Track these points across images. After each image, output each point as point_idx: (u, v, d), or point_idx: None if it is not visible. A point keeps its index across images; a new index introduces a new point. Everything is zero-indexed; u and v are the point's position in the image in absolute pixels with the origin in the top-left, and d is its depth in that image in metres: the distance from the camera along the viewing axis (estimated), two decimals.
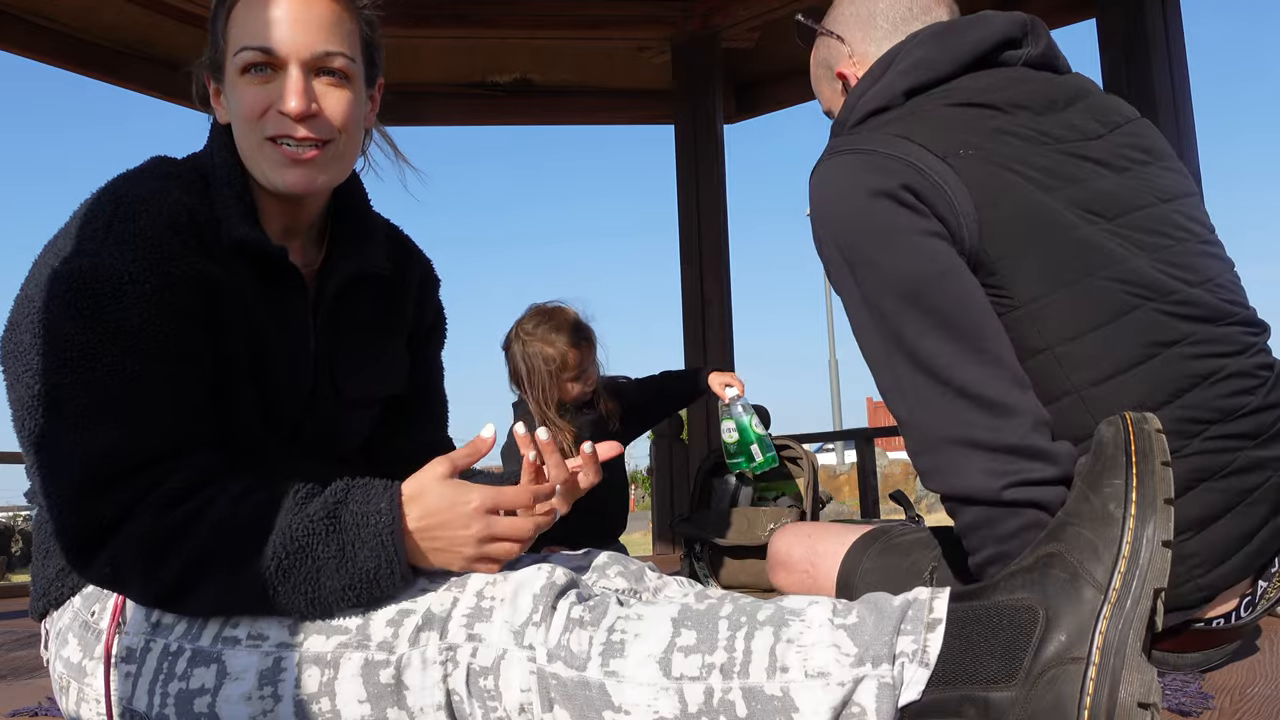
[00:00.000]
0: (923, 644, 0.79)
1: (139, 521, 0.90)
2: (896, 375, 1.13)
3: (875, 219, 1.12)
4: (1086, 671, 0.75)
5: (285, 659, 0.89)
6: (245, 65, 1.03)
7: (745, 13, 4.12)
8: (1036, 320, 1.10)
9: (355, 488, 0.93)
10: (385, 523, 0.90)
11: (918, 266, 1.10)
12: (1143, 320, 1.10)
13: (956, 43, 1.25)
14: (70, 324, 0.91)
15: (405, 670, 0.87)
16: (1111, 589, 0.77)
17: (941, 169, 1.12)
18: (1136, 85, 3.42)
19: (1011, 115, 1.19)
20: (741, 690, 0.80)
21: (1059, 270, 1.10)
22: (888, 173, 1.13)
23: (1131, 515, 0.79)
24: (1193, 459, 1.08)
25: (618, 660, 0.82)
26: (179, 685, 0.91)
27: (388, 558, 0.89)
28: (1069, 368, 1.10)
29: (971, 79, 1.24)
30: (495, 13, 4.07)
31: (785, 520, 2.36)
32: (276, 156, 1.04)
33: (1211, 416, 1.09)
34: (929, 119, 1.19)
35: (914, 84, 1.24)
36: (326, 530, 0.90)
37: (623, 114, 4.81)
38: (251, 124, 1.04)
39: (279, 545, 0.89)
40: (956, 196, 1.11)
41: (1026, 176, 1.13)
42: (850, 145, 1.19)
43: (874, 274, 1.12)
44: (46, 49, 3.76)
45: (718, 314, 4.17)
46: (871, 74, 1.29)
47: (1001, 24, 1.27)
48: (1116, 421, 0.85)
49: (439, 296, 1.36)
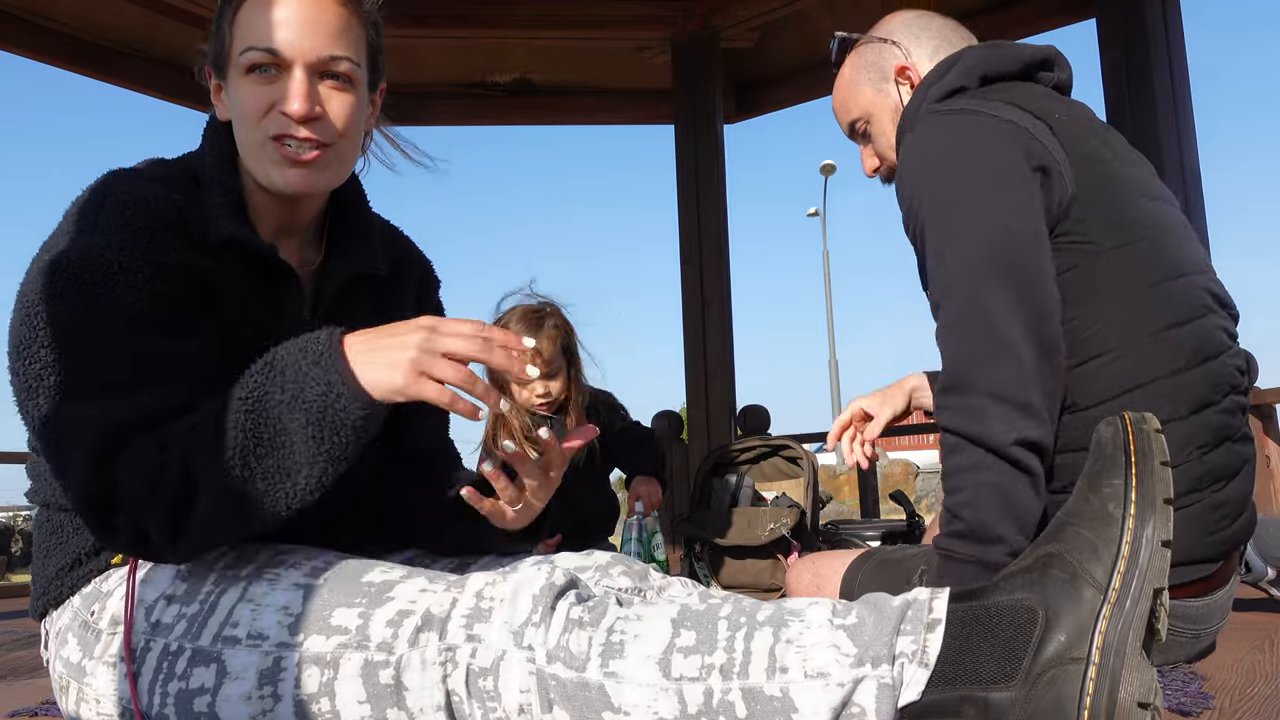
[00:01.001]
0: (922, 644, 0.79)
1: (131, 464, 0.90)
2: (960, 312, 1.20)
3: (983, 171, 1.23)
4: (1086, 672, 0.75)
5: (285, 659, 0.89)
6: (251, 65, 1.03)
7: (745, 13, 4.12)
8: (1114, 265, 1.22)
9: (292, 340, 0.92)
10: (323, 347, 0.89)
11: (1014, 222, 1.20)
12: (1192, 286, 1.25)
13: (1012, 52, 1.39)
14: (63, 309, 0.92)
15: (405, 671, 0.87)
16: (1111, 589, 0.77)
17: (1040, 127, 1.25)
18: (1136, 85, 3.42)
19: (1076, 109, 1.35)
20: (741, 691, 0.79)
21: (1132, 226, 1.24)
22: (994, 131, 1.24)
23: (1131, 515, 0.79)
24: (1222, 416, 1.21)
25: (617, 661, 0.82)
26: (179, 685, 0.91)
27: (331, 377, 0.87)
28: (1139, 312, 1.21)
29: (1028, 86, 1.37)
30: (495, 13, 4.07)
31: (785, 520, 2.36)
32: (277, 156, 1.04)
33: (1230, 382, 1.23)
34: (1016, 92, 1.32)
35: (987, 72, 1.36)
36: (269, 376, 0.89)
37: (623, 114, 4.81)
38: (254, 123, 1.04)
39: (240, 416, 0.88)
40: (1052, 148, 1.23)
41: (1105, 149, 1.29)
42: (948, 108, 1.30)
43: (971, 221, 1.21)
44: (46, 49, 3.76)
45: (717, 314, 4.18)
46: (937, 70, 1.39)
47: (1041, 48, 1.43)
48: (1115, 422, 0.85)
49: (439, 297, 1.36)
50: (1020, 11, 3.93)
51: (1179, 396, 1.19)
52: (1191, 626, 1.23)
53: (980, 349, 1.17)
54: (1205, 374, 1.21)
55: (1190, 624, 1.23)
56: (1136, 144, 1.41)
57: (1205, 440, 1.20)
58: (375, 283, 1.20)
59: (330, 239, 1.18)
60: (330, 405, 0.88)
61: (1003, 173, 1.21)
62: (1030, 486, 1.17)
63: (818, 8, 4.08)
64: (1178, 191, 3.37)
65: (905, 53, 1.48)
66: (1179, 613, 1.22)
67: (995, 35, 4.30)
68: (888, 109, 1.49)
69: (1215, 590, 1.23)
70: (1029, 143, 1.23)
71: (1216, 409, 1.20)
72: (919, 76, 1.45)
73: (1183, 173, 3.38)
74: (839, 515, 11.91)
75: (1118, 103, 3.47)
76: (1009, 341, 1.15)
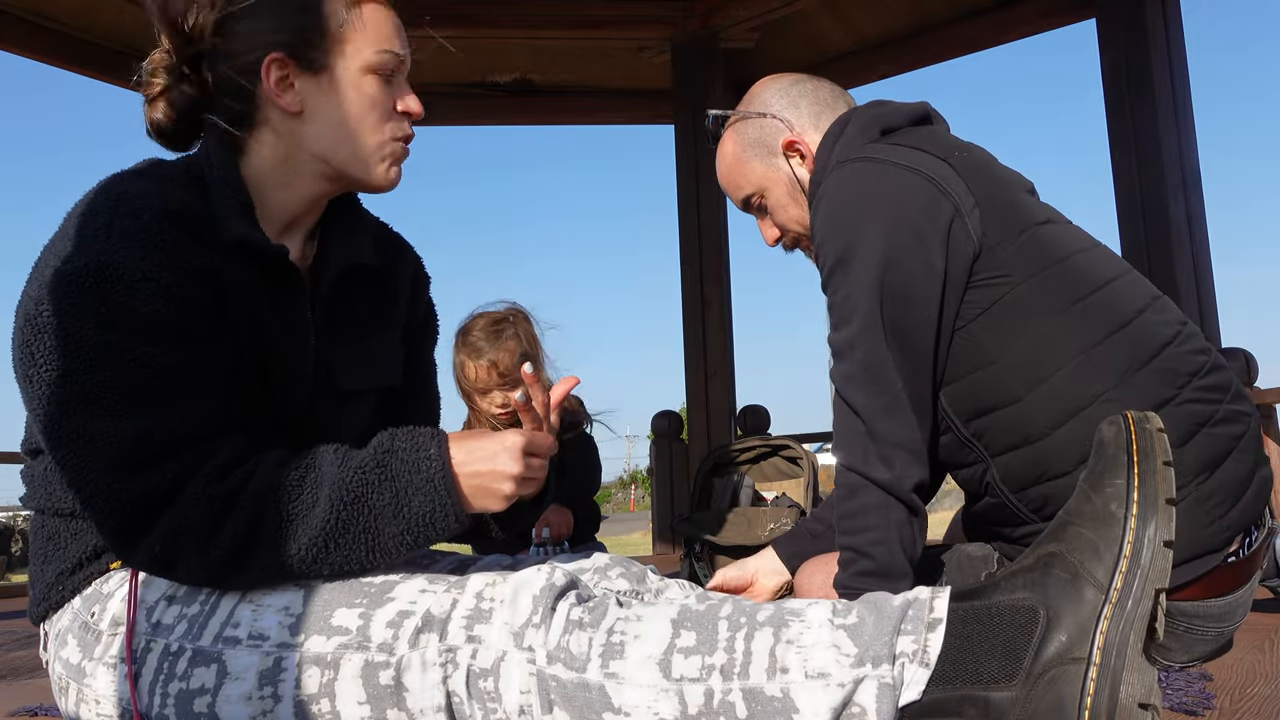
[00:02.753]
0: (923, 644, 0.79)
1: (191, 497, 0.91)
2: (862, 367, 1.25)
3: (885, 224, 1.24)
4: (1087, 672, 0.75)
5: (285, 659, 0.89)
6: (380, 66, 1.07)
7: (745, 13, 4.13)
8: (1036, 293, 1.23)
9: (400, 436, 0.96)
10: (436, 468, 0.93)
11: (911, 279, 1.23)
12: (1116, 292, 1.25)
13: (899, 108, 1.42)
14: (89, 325, 0.91)
15: (405, 672, 0.87)
16: (1113, 589, 0.77)
17: (944, 168, 1.26)
18: (1136, 85, 3.42)
19: (970, 148, 1.37)
20: (742, 691, 0.79)
21: (1045, 252, 1.25)
22: (899, 180, 1.26)
23: (1133, 515, 0.79)
24: (1187, 406, 1.19)
25: (617, 662, 0.82)
26: (179, 685, 0.91)
27: (441, 501, 0.92)
28: (1069, 332, 1.21)
29: (924, 129, 1.40)
30: (495, 13, 4.07)
31: (785, 520, 2.36)
32: (399, 154, 1.11)
33: (1189, 368, 1.21)
34: (914, 136, 1.34)
35: (885, 126, 1.38)
36: (379, 479, 0.92)
37: (623, 114, 4.82)
38: (378, 122, 1.08)
39: (335, 498, 0.91)
40: (958, 191, 1.25)
41: (1006, 179, 1.32)
42: (854, 155, 1.31)
43: (870, 277, 1.24)
44: (46, 49, 3.76)
45: (717, 314, 4.18)
46: (832, 133, 1.41)
47: (919, 105, 1.46)
48: (1118, 421, 0.85)
49: (430, 295, 1.36)
50: (1020, 11, 3.93)
51: (1127, 403, 1.17)
52: (1215, 625, 1.22)
53: (883, 403, 1.23)
54: (1152, 373, 1.19)
55: (1214, 622, 1.22)
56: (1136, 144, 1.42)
57: (1171, 438, 1.18)
58: (369, 274, 1.20)
59: (323, 232, 1.18)
60: (432, 524, 0.93)
61: (905, 226, 1.23)
62: (920, 527, 1.25)
63: (818, 8, 4.08)
64: (1177, 191, 3.38)
65: (788, 125, 1.47)
66: (1201, 613, 1.21)
67: (997, 35, 4.30)
68: (781, 183, 1.48)
69: (1239, 587, 1.21)
70: (934, 192, 1.24)
71: (1176, 402, 1.19)
72: (809, 148, 1.44)
73: (1183, 173, 3.38)
74: None
75: (1118, 103, 3.47)
76: (901, 396, 1.23)
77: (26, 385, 0.95)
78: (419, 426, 0.98)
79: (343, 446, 0.96)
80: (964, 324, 1.24)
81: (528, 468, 0.96)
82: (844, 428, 1.27)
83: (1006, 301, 1.22)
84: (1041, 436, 1.20)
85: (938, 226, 1.22)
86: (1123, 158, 3.43)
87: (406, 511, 0.92)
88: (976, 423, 1.26)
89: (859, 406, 1.24)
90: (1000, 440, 1.24)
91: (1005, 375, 1.22)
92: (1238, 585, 1.22)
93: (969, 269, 1.23)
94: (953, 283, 1.23)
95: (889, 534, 1.22)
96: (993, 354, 1.23)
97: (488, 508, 0.96)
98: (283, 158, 1.08)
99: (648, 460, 4.90)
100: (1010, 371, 1.22)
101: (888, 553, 1.21)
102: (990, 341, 1.23)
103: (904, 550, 1.22)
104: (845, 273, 1.25)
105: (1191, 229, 3.39)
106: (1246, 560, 1.22)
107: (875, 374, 1.23)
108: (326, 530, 0.91)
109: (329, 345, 1.14)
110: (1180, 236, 3.33)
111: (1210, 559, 1.18)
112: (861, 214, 1.25)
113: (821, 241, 1.29)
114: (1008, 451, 1.24)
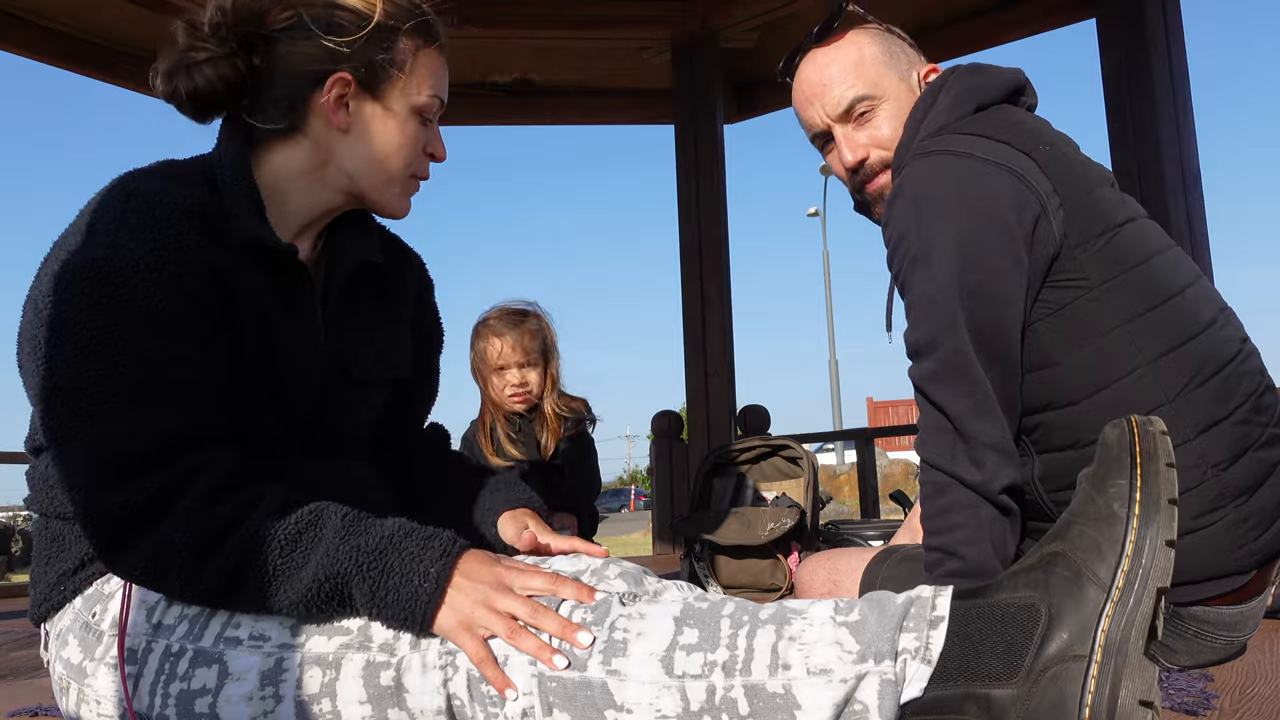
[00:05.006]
0: (925, 641, 0.79)
1: (178, 522, 0.90)
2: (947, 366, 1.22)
3: (970, 221, 1.21)
4: (1088, 670, 0.75)
5: (287, 659, 0.89)
6: (427, 109, 1.12)
7: (745, 13, 4.12)
8: (1108, 300, 1.21)
9: (414, 538, 0.90)
10: (424, 595, 0.87)
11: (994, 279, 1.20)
12: (1188, 301, 1.23)
13: (996, 76, 1.38)
14: (84, 312, 0.91)
15: (406, 673, 0.87)
16: (1115, 588, 0.77)
17: (1029, 164, 1.23)
18: (1136, 85, 3.42)
19: (1052, 133, 1.33)
20: (744, 688, 0.79)
21: (1124, 255, 1.23)
22: (984, 176, 1.22)
23: (1135, 515, 0.79)
24: (1239, 427, 1.18)
25: (619, 659, 0.82)
26: (180, 686, 0.91)
27: (413, 621, 0.87)
28: (1137, 341, 1.20)
29: (1014, 113, 1.35)
30: (495, 13, 4.06)
31: (785, 520, 2.36)
32: (411, 189, 1.16)
33: (1247, 389, 1.21)
34: (1003, 121, 1.30)
35: (979, 101, 1.34)
36: (367, 568, 0.88)
37: (623, 114, 4.82)
38: (405, 158, 1.12)
39: (320, 572, 0.89)
40: (1042, 189, 1.22)
41: (1088, 175, 1.28)
42: (942, 148, 1.27)
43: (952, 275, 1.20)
44: (46, 49, 3.76)
45: (717, 314, 4.17)
46: (925, 98, 1.38)
47: (1017, 72, 1.41)
48: (1121, 424, 0.85)
49: (434, 299, 1.37)
50: (1021, 11, 3.94)
51: (1181, 421, 1.17)
52: (1226, 633, 1.22)
53: (973, 402, 1.19)
54: (1211, 390, 1.18)
55: (1225, 630, 1.21)
56: (1137, 144, 1.42)
57: (1220, 457, 1.17)
58: (375, 272, 1.22)
59: (332, 232, 1.19)
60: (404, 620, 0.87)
61: (990, 226, 1.20)
62: (1012, 527, 1.21)
63: (818, 8, 4.07)
64: (1177, 192, 3.38)
65: (923, 61, 1.46)
66: (1212, 619, 1.20)
67: (997, 35, 4.29)
68: (902, 99, 1.42)
69: (1250, 599, 1.21)
70: (1019, 190, 1.21)
71: (1231, 421, 1.17)
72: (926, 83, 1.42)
73: (1183, 173, 3.38)
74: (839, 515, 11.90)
75: (1118, 103, 3.47)
76: (991, 396, 1.19)
77: (26, 376, 0.95)
78: (442, 529, 0.92)
79: (352, 512, 0.93)
80: (1031, 322, 1.22)
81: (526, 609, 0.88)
82: (929, 425, 1.23)
83: (1078, 305, 1.20)
84: (1089, 443, 1.18)
85: (1024, 223, 1.20)
86: (1123, 158, 3.43)
87: (379, 612, 0.88)
88: (1029, 419, 1.24)
89: (944, 404, 1.20)
90: (1049, 440, 1.23)
91: (1066, 378, 1.21)
92: (1250, 596, 1.21)
93: (1047, 268, 1.21)
94: (1032, 281, 1.21)
95: (979, 532, 1.17)
96: (1055, 356, 1.21)
97: (456, 640, 0.87)
98: (313, 168, 1.10)
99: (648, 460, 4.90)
100: (1071, 375, 1.20)
101: (978, 552, 1.17)
102: (1054, 343, 1.21)
103: (995, 550, 1.17)
104: (925, 269, 1.22)
105: (1191, 229, 3.39)
106: (1262, 573, 1.22)
107: (962, 372, 1.20)
108: (307, 598, 0.89)
109: (340, 339, 1.15)
110: (1180, 236, 3.33)
111: (1237, 579, 1.18)
112: (943, 211, 1.22)
113: (899, 237, 1.25)
114: (1053, 452, 1.23)
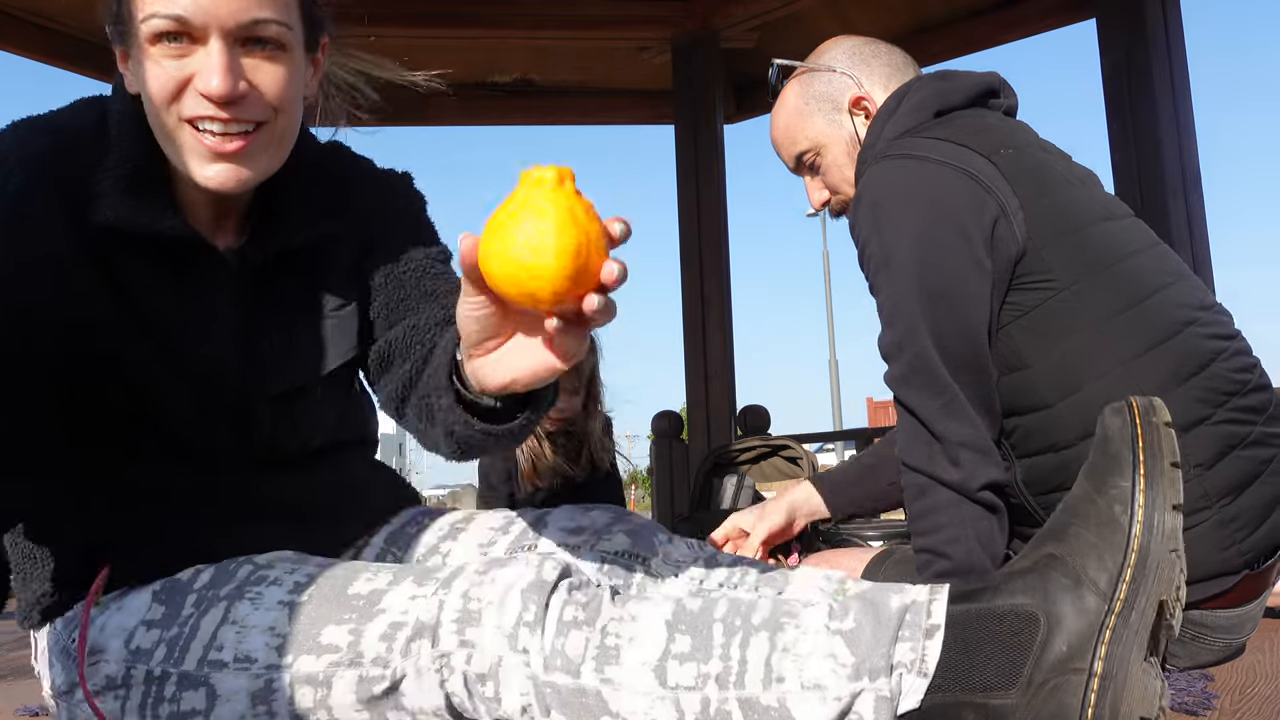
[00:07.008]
0: (921, 653, 0.78)
1: None
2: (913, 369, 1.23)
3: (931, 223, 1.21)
4: (1089, 683, 0.73)
5: (276, 680, 0.87)
6: (156, 34, 0.87)
7: (745, 13, 4.11)
8: (1079, 300, 1.19)
9: None
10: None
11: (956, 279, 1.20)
12: (1165, 301, 1.21)
13: (963, 81, 1.38)
14: None
15: (401, 682, 0.86)
16: (1116, 599, 0.75)
17: (987, 167, 1.23)
18: (1136, 85, 3.41)
19: (1025, 135, 1.33)
20: (738, 700, 0.79)
21: (1094, 256, 1.21)
22: (941, 178, 1.22)
23: (1138, 521, 0.77)
24: (1222, 426, 1.16)
25: (612, 667, 0.81)
26: (169, 708, 0.89)
27: None
28: (1110, 342, 1.18)
29: (979, 115, 1.35)
30: (495, 13, 4.06)
31: None
32: (196, 145, 0.89)
33: (1231, 388, 1.18)
34: (966, 126, 1.30)
35: (940, 106, 1.33)
36: None
37: (623, 114, 4.81)
38: (165, 105, 0.88)
39: None
40: (1003, 193, 1.21)
41: (1055, 174, 1.27)
42: (900, 151, 1.27)
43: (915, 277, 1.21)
44: (45, 49, 3.75)
45: (718, 314, 4.17)
46: (890, 103, 1.37)
47: (987, 75, 1.41)
48: (1123, 411, 0.81)
49: (428, 218, 1.19)
50: (1020, 11, 3.93)
51: None
52: (1223, 636, 1.20)
53: (941, 403, 1.19)
54: (1193, 390, 1.16)
55: (1222, 634, 1.20)
56: (1137, 144, 1.42)
57: (1204, 457, 1.15)
58: (305, 253, 1.06)
59: (262, 207, 1.03)
60: None
61: (946, 227, 1.20)
62: (1000, 524, 1.20)
63: (818, 8, 4.07)
64: (1177, 192, 3.37)
65: (858, 83, 1.43)
66: (1209, 622, 1.19)
67: (997, 35, 4.29)
68: (842, 141, 1.43)
69: (1247, 602, 1.20)
70: (975, 192, 1.21)
71: (1211, 422, 1.16)
72: (875, 107, 1.41)
73: (1183, 174, 3.38)
74: None
75: (1118, 103, 3.46)
76: (958, 396, 1.20)
77: None
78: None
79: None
80: (1001, 326, 1.22)
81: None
82: (905, 429, 1.24)
83: (1047, 307, 1.20)
84: (1068, 446, 1.18)
85: (982, 225, 1.20)
86: (1123, 158, 3.42)
87: None
88: (1008, 422, 1.24)
89: (915, 407, 1.21)
90: (1028, 443, 1.23)
91: (1038, 381, 1.20)
92: (1248, 599, 1.20)
93: (1011, 270, 1.21)
94: (997, 283, 1.20)
95: (963, 530, 1.17)
96: (1028, 358, 1.20)
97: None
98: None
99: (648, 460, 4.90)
100: (1043, 378, 1.20)
101: (965, 550, 1.17)
102: (1026, 346, 1.21)
103: (983, 547, 1.17)
104: (887, 273, 1.23)
105: (1191, 229, 3.39)
106: (1259, 575, 1.20)
107: (928, 374, 1.20)
108: None
109: (260, 334, 1.03)
110: (1180, 236, 3.33)
111: (1226, 580, 1.17)
112: (902, 213, 1.22)
113: (863, 243, 1.26)
114: (1033, 455, 1.23)
